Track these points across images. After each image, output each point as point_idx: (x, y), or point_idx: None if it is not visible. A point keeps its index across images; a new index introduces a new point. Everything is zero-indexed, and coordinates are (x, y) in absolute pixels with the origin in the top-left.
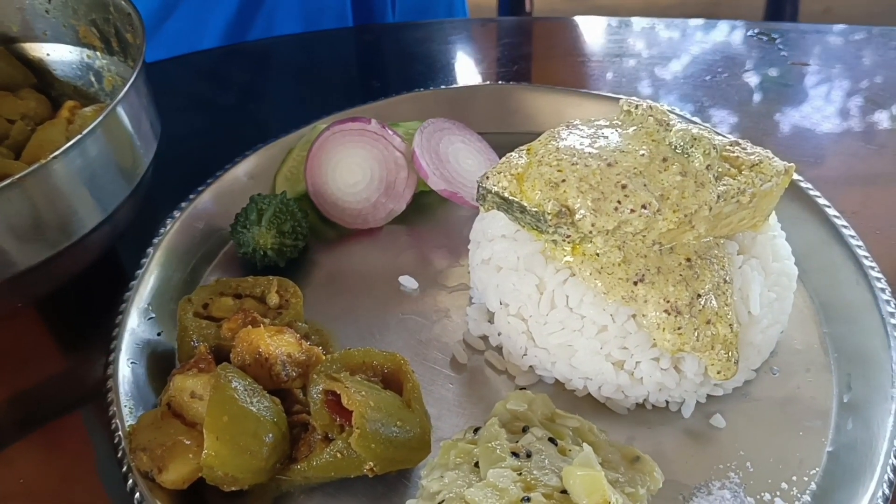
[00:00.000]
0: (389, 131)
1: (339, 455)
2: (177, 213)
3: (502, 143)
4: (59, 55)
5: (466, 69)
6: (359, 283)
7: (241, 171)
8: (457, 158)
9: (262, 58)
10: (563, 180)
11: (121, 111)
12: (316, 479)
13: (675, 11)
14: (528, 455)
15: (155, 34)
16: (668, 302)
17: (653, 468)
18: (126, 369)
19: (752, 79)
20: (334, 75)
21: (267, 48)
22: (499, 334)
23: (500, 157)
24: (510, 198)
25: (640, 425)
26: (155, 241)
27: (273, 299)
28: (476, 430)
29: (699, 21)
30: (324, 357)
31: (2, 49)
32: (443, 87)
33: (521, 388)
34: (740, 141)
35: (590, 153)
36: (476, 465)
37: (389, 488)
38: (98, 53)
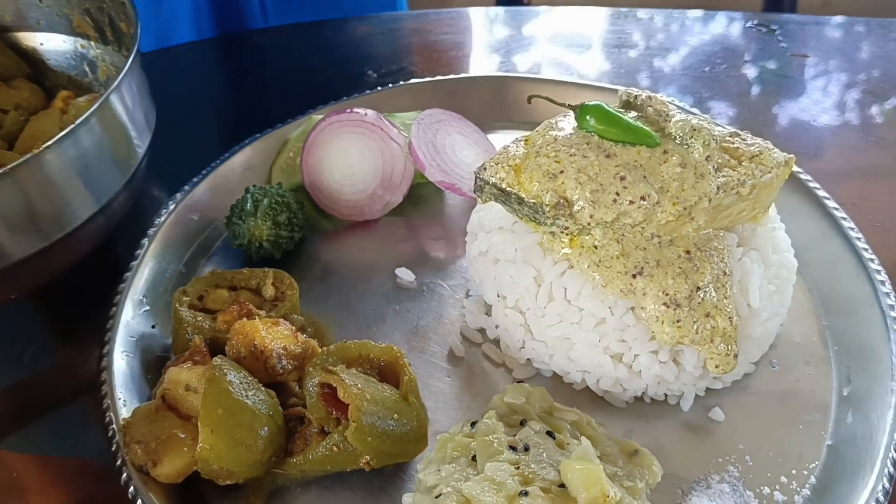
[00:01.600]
0: (386, 122)
1: (335, 448)
2: (172, 205)
3: (500, 134)
4: (52, 45)
5: (464, 60)
6: (355, 276)
7: (237, 162)
8: (454, 149)
9: (256, 48)
10: (562, 171)
11: (115, 101)
12: (312, 473)
13: (674, 3)
14: (526, 449)
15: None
16: (666, 295)
17: (651, 462)
18: (120, 362)
19: (751, 71)
20: (330, 66)
21: (261, 38)
22: (496, 327)
23: (498, 148)
24: (508, 189)
25: (639, 419)
26: (150, 232)
27: (269, 291)
28: (473, 424)
29: (698, 12)
30: (320, 350)
31: None
32: (440, 77)
33: (518, 381)
34: (740, 132)
35: (588, 144)
36: (473, 458)
37: (386, 482)
38: (92, 43)
